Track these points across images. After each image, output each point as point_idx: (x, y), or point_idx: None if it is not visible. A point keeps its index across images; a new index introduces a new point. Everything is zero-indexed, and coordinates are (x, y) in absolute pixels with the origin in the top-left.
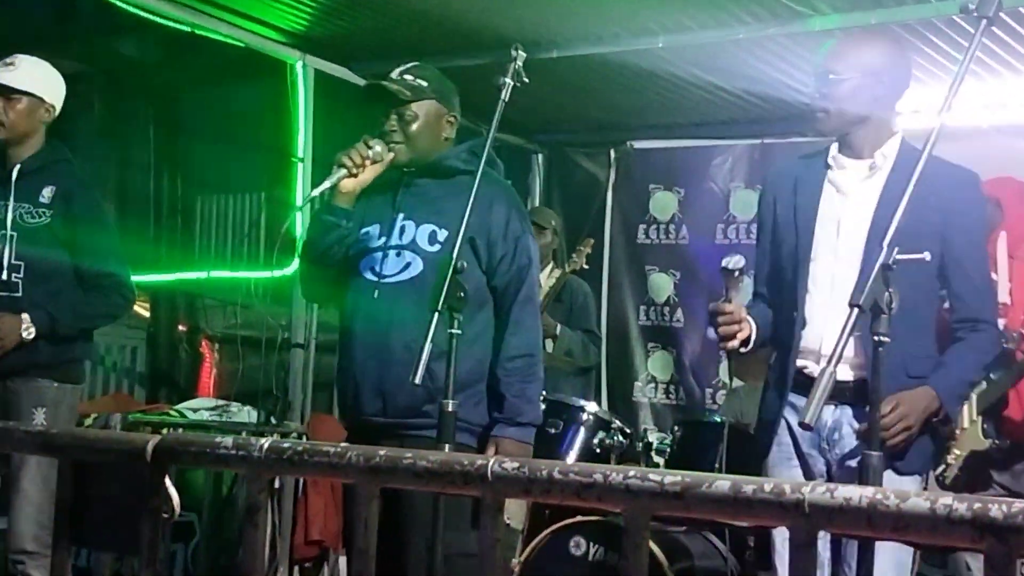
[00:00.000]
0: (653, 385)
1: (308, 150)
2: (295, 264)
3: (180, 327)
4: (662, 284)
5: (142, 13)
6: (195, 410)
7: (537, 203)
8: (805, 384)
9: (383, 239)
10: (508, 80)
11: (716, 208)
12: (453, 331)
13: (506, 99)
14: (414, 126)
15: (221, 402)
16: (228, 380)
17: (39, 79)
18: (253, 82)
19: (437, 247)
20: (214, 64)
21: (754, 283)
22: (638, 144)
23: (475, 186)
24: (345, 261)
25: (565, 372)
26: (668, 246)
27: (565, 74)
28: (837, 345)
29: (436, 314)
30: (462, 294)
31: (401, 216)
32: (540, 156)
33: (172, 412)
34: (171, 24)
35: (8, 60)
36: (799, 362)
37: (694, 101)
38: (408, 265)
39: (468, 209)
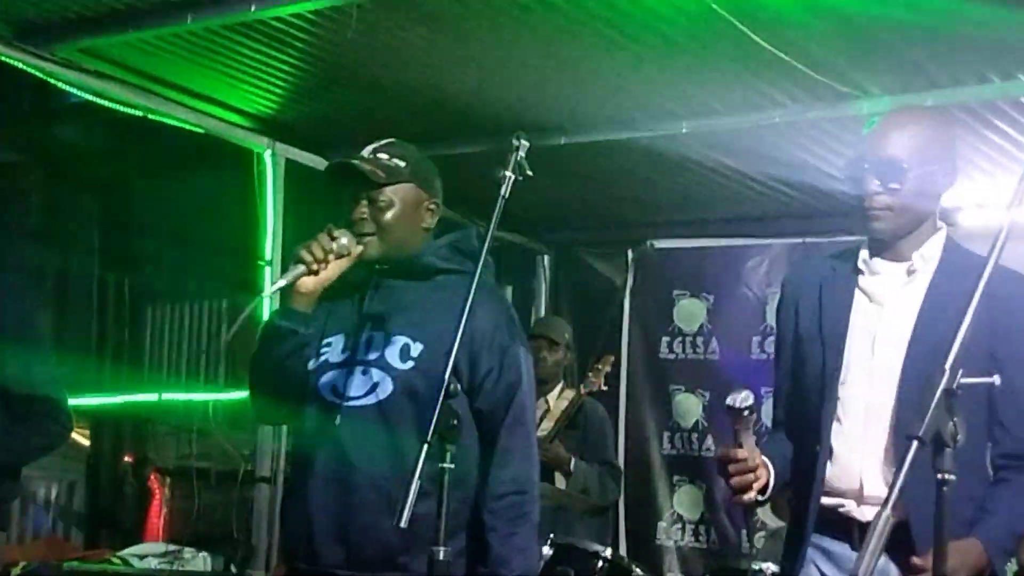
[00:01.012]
0: (680, 526)
1: (277, 252)
2: None
3: (126, 458)
4: (689, 406)
5: (87, 96)
6: (142, 557)
7: (543, 312)
8: (836, 524)
9: (347, 353)
10: (508, 173)
11: (751, 318)
12: (445, 465)
13: (506, 195)
14: (388, 214)
15: (173, 547)
16: (181, 521)
17: None
18: (214, 173)
19: (410, 364)
20: (169, 153)
21: (773, 408)
22: (659, 243)
23: (471, 291)
24: (303, 377)
25: (579, 512)
26: (696, 362)
27: (575, 163)
28: (894, 485)
29: (426, 446)
30: (455, 422)
31: (369, 325)
32: (546, 257)
33: (115, 560)
34: (120, 108)
35: None
36: (828, 500)
37: (724, 194)
38: (375, 385)
39: (464, 317)
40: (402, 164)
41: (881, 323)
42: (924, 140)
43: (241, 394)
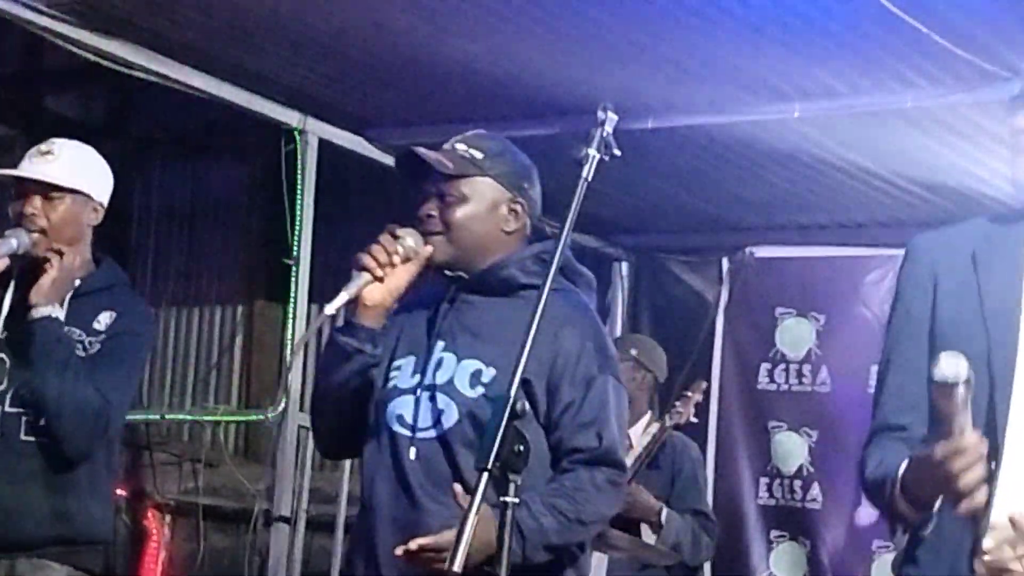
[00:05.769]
0: None
1: (306, 248)
2: (281, 406)
3: (118, 491)
4: (792, 448)
5: (85, 54)
6: None
7: (618, 328)
8: None
9: (417, 377)
10: (592, 152)
11: (869, 342)
12: (508, 499)
13: (590, 177)
14: (459, 211)
15: None
16: (183, 566)
17: (85, 170)
18: (234, 153)
19: (479, 391)
20: (181, 128)
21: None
22: (760, 251)
23: (540, 304)
24: (367, 405)
25: (665, 569)
26: (801, 394)
27: (662, 152)
28: None
29: (485, 474)
30: (520, 448)
31: (441, 346)
32: (624, 264)
33: None
34: (124, 70)
35: (44, 147)
36: (993, 550)
37: (840, 193)
38: (440, 414)
39: (533, 328)
40: (479, 155)
41: None
42: None
43: (258, 417)
